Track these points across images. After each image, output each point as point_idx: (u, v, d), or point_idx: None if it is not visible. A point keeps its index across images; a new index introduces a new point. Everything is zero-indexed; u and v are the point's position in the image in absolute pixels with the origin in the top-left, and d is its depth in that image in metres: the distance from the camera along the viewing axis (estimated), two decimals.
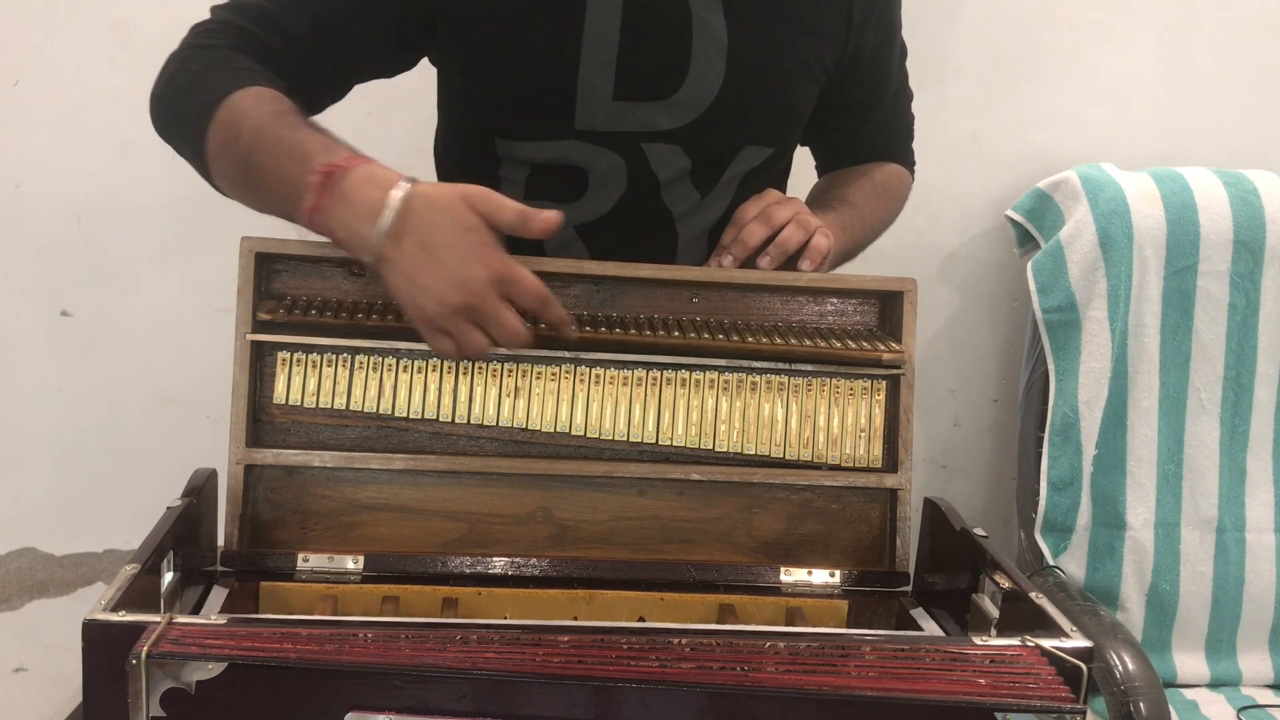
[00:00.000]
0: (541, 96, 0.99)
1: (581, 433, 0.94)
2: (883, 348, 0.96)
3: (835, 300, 1.00)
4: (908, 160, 1.23)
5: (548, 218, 0.82)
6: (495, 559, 0.94)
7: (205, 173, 0.93)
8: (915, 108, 1.23)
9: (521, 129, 1.01)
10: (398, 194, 0.79)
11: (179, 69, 0.93)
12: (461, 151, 1.09)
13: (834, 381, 0.97)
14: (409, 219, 0.79)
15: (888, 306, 0.99)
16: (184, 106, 0.91)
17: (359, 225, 0.80)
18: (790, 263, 0.98)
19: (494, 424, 0.93)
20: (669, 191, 1.05)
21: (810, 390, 0.96)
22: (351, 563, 0.93)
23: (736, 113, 1.02)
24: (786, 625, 0.93)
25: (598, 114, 0.99)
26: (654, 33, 0.97)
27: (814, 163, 1.25)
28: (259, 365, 0.92)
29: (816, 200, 1.16)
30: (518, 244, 1.05)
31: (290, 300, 0.92)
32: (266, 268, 0.93)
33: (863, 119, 1.17)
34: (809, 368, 0.96)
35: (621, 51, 0.97)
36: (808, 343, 0.95)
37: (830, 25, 1.05)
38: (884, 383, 0.97)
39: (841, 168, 1.21)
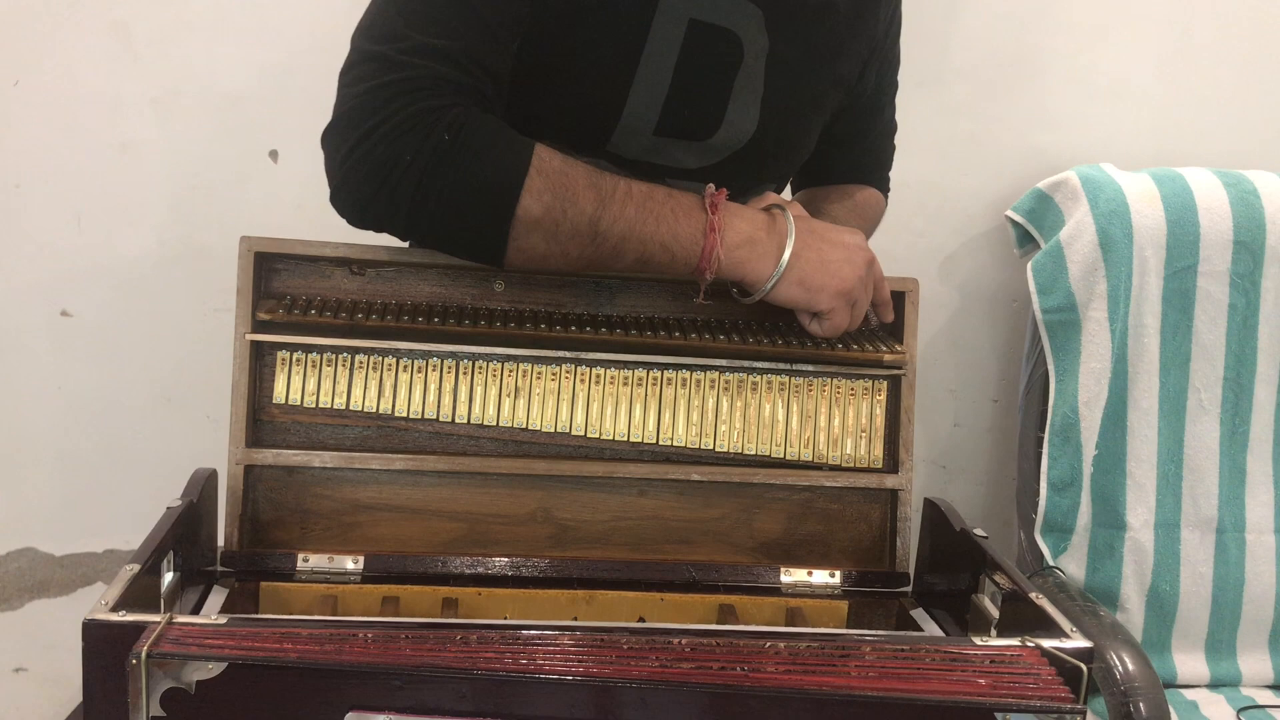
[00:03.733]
0: (585, 116, 0.97)
1: (582, 433, 0.94)
2: (884, 349, 0.96)
3: None
4: (884, 187, 1.26)
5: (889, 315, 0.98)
6: (495, 559, 0.94)
7: (493, 243, 0.84)
8: (915, 107, 1.24)
9: (553, 140, 1.01)
10: (787, 245, 0.89)
11: (425, 138, 0.81)
12: None
13: (835, 382, 0.97)
14: (793, 266, 0.90)
15: None
16: (463, 179, 0.82)
17: (761, 266, 0.89)
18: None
19: (494, 424, 0.93)
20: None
21: (811, 390, 0.96)
22: (351, 563, 0.93)
23: (759, 158, 1.03)
24: (786, 625, 0.93)
25: (634, 144, 0.98)
26: (705, 75, 0.97)
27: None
28: (259, 365, 0.92)
29: None
30: None
31: (290, 300, 0.92)
32: (266, 267, 0.93)
33: (849, 148, 1.20)
34: (810, 368, 0.96)
35: (672, 89, 0.96)
36: (809, 344, 0.95)
37: (851, 73, 1.08)
38: (885, 383, 0.97)
39: (819, 186, 1.23)
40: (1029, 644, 0.71)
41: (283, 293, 0.93)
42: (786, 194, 1.22)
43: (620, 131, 0.97)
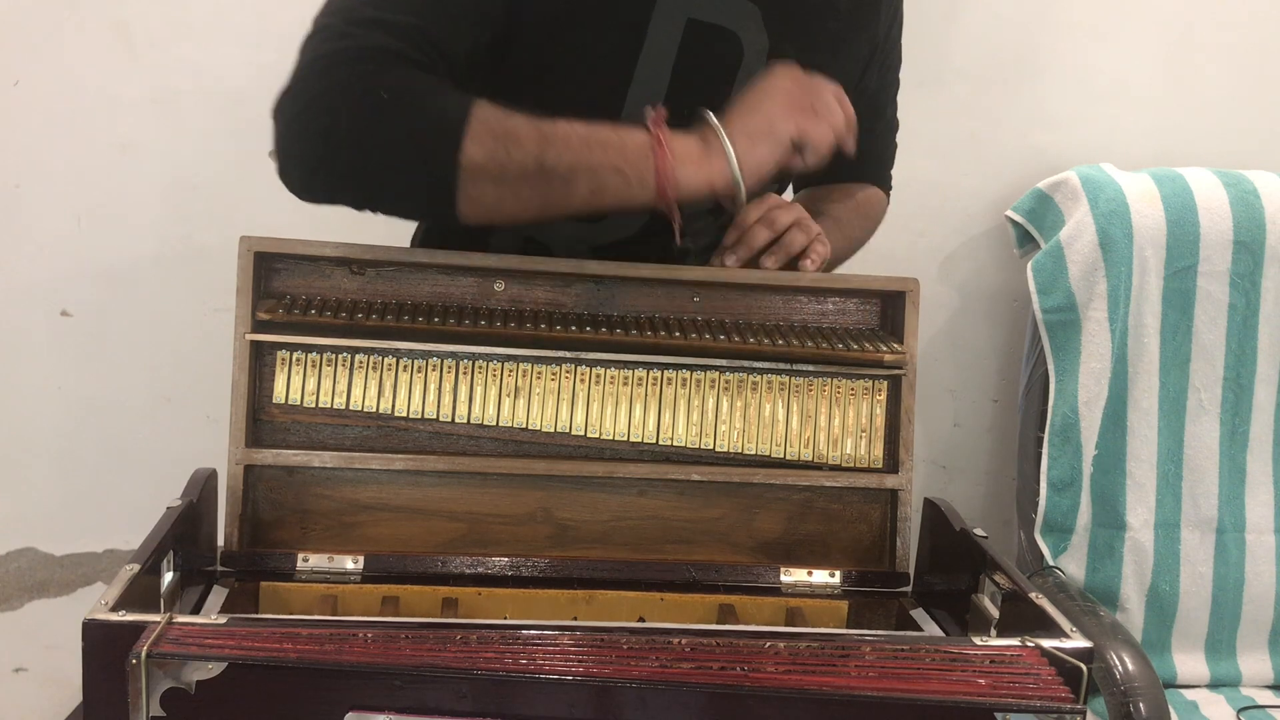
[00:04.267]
0: (583, 117, 0.98)
1: (582, 433, 0.94)
2: (884, 349, 0.96)
3: (837, 300, 1.00)
4: (886, 185, 1.26)
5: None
6: (495, 559, 0.94)
7: (442, 196, 0.82)
8: (915, 107, 1.24)
9: None
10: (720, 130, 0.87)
11: (362, 97, 0.81)
12: None
13: (835, 381, 0.97)
14: (738, 137, 0.88)
15: (889, 306, 1.00)
16: (403, 134, 0.81)
17: (717, 164, 0.87)
18: (792, 264, 0.99)
19: (494, 424, 0.93)
20: (689, 219, 1.05)
21: (811, 390, 0.96)
22: (351, 563, 0.93)
23: None
24: (786, 625, 0.93)
25: None
26: (704, 74, 0.97)
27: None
28: (258, 365, 0.92)
29: None
30: (525, 250, 1.05)
31: (290, 299, 0.92)
32: (266, 267, 0.93)
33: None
34: (810, 368, 0.96)
35: (671, 89, 0.96)
36: (809, 344, 0.95)
37: (852, 71, 1.08)
38: (885, 383, 0.97)
39: (821, 185, 1.22)
40: (1029, 644, 0.70)
41: (282, 292, 0.93)
42: (788, 195, 1.22)
43: None
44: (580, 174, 0.83)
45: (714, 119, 0.88)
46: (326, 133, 0.81)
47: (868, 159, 1.22)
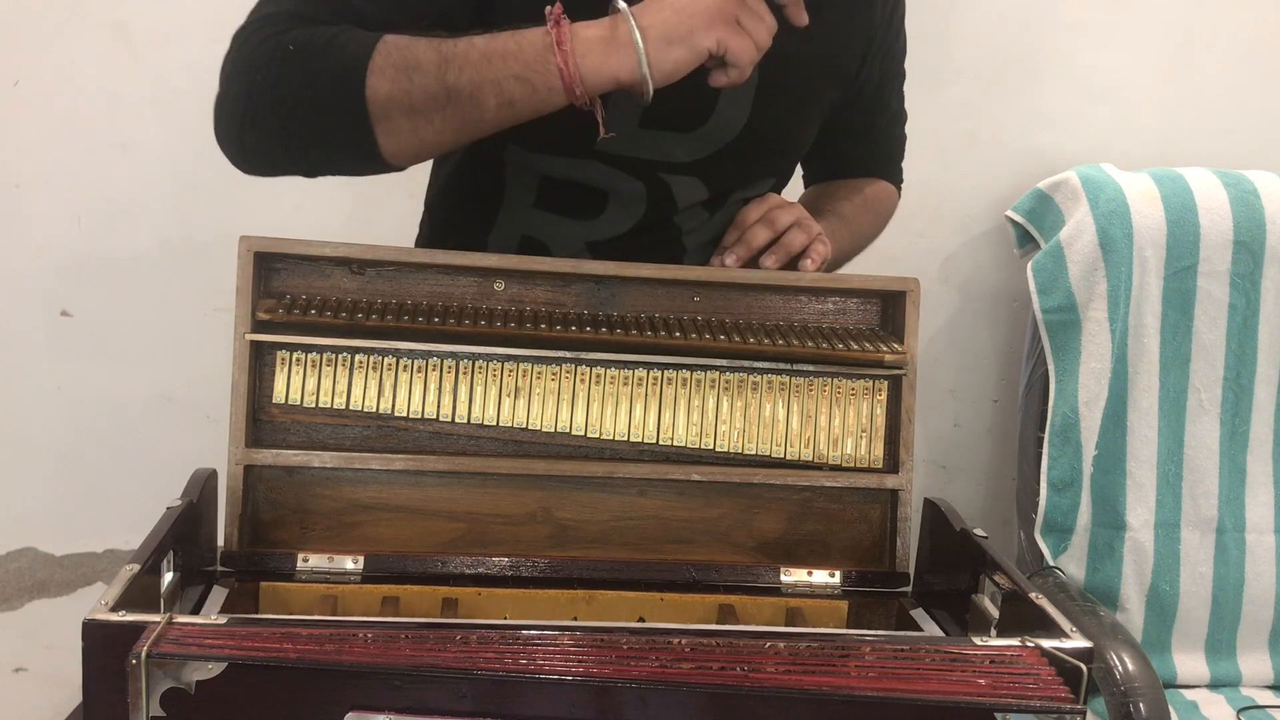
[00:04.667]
0: (567, 114, 0.98)
1: (582, 433, 0.94)
2: (885, 349, 0.96)
3: (837, 299, 1.00)
4: (896, 179, 1.25)
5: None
6: (495, 559, 0.94)
7: (360, 137, 0.83)
8: (915, 107, 1.24)
9: (540, 141, 1.00)
10: (631, 23, 0.83)
11: (273, 53, 0.84)
12: (479, 151, 1.06)
13: (835, 381, 0.97)
14: (651, 33, 0.83)
15: (890, 306, 0.99)
16: (310, 78, 0.83)
17: (623, 56, 0.83)
18: (792, 264, 0.99)
19: (494, 424, 0.93)
20: (683, 216, 1.06)
21: (812, 390, 0.96)
22: (351, 563, 0.92)
23: (754, 150, 1.03)
24: (786, 626, 0.93)
25: (621, 139, 0.97)
26: None
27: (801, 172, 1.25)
28: (258, 365, 0.92)
29: (806, 209, 1.16)
30: (522, 247, 1.05)
31: (290, 299, 0.92)
32: (266, 266, 0.93)
33: (857, 142, 1.19)
34: (810, 368, 0.96)
35: None
36: (810, 344, 0.95)
37: (849, 65, 1.08)
38: (885, 383, 0.97)
39: (828, 181, 1.22)
40: (1029, 644, 0.70)
41: (282, 292, 0.93)
42: (792, 192, 1.22)
43: (605, 128, 0.97)
44: (486, 89, 0.82)
45: (625, 7, 0.84)
46: (247, 94, 0.84)
47: (875, 152, 1.21)
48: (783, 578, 0.96)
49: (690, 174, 1.02)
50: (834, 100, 1.10)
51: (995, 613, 0.83)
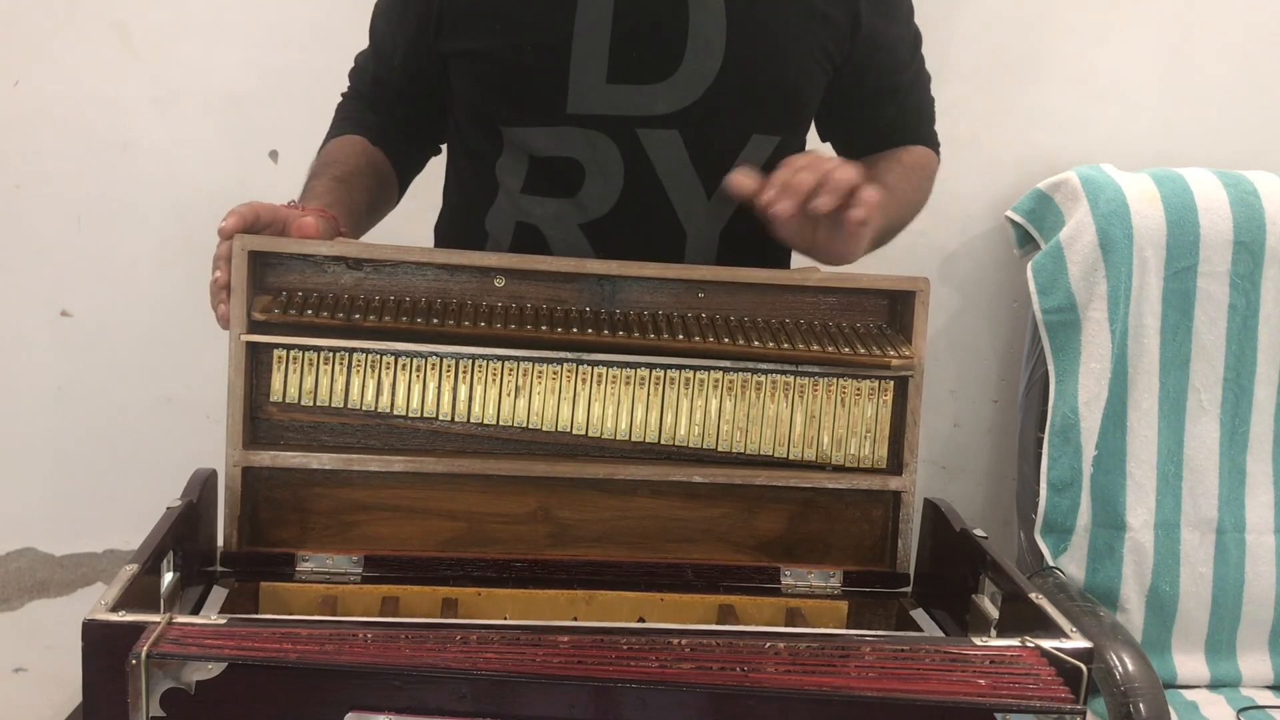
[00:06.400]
0: (535, 79, 0.99)
1: (583, 432, 0.93)
2: (893, 353, 0.95)
3: (844, 298, 0.99)
4: (932, 142, 1.22)
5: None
6: (495, 559, 0.94)
7: None
8: None
9: (518, 114, 1.01)
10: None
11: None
12: (474, 140, 1.10)
13: (840, 382, 0.96)
14: None
15: (898, 306, 0.98)
16: None
17: None
18: (837, 213, 0.89)
19: (494, 423, 0.93)
20: (673, 187, 1.04)
21: (816, 390, 0.96)
22: (351, 563, 0.92)
23: (737, 98, 1.01)
24: (786, 626, 0.93)
25: (590, 97, 0.98)
26: (650, 13, 0.97)
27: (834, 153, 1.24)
28: (255, 363, 0.92)
29: None
30: (522, 247, 1.05)
31: (286, 296, 0.92)
32: (263, 262, 0.93)
33: (883, 106, 1.16)
34: (816, 369, 0.95)
35: (615, 32, 0.96)
36: (815, 347, 0.94)
37: (836, 13, 1.04)
38: (890, 384, 0.97)
39: (865, 156, 1.20)
40: (1029, 644, 0.70)
41: (279, 288, 0.93)
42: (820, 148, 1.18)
43: (573, 88, 0.97)
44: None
45: None
46: None
47: (904, 118, 1.18)
48: (783, 578, 0.96)
49: (668, 127, 1.01)
50: (831, 51, 1.06)
51: (995, 613, 0.83)
